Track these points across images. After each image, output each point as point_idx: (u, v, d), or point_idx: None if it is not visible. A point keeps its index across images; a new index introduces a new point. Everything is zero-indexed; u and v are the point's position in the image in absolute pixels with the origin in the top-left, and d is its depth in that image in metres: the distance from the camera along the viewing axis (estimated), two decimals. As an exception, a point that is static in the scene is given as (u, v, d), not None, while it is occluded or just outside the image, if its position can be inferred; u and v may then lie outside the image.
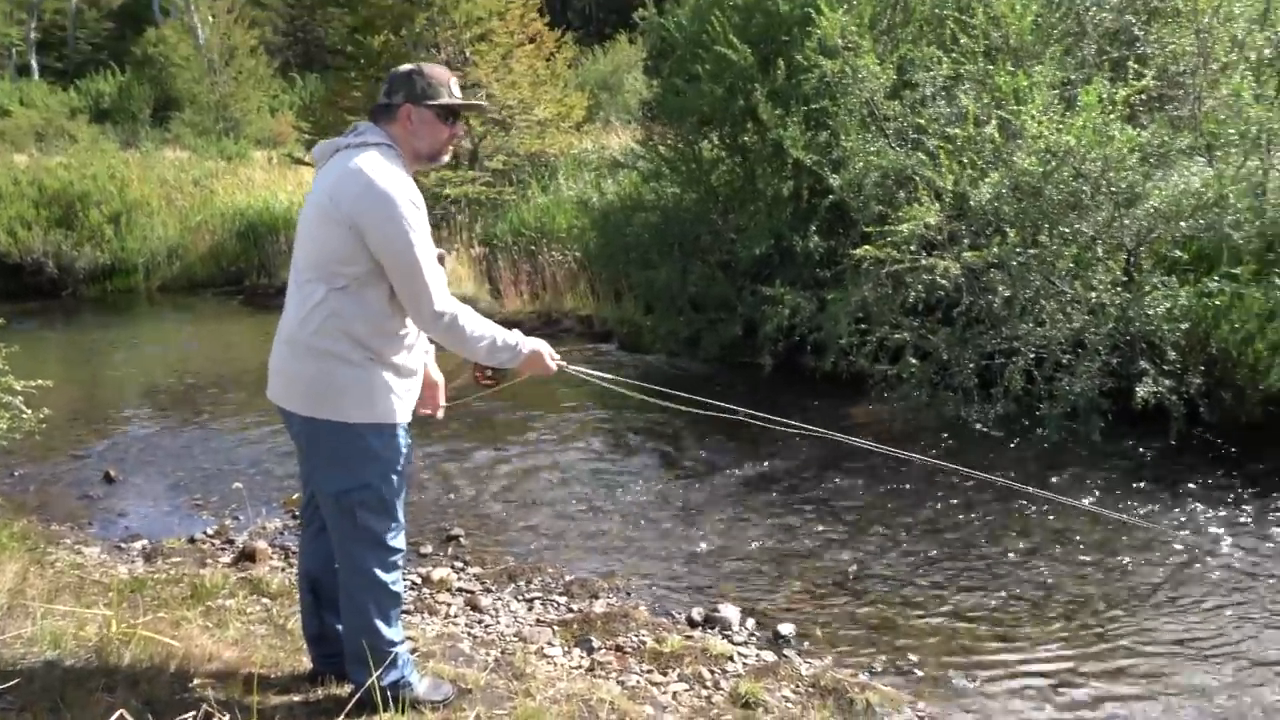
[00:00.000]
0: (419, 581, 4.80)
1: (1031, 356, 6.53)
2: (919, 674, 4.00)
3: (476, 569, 5.03)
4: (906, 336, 7.00)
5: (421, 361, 3.08)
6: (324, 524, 3.04)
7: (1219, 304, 6.36)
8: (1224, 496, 5.59)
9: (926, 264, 6.73)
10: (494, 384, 3.18)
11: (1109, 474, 5.99)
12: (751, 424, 3.92)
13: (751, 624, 4.42)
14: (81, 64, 38.47)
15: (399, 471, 2.97)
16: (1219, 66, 7.27)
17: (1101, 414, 6.32)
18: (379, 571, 2.97)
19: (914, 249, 6.81)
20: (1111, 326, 6.41)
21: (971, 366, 6.75)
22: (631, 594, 4.74)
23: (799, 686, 3.79)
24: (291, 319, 2.89)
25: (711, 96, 8.92)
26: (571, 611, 4.52)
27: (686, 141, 9.80)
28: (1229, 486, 5.72)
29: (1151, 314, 6.35)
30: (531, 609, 4.57)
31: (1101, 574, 4.81)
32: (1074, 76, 7.27)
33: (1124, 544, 5.10)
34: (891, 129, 7.54)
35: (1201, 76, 7.22)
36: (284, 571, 4.82)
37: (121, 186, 15.03)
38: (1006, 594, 4.66)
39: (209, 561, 5.01)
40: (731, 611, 4.45)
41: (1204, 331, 6.42)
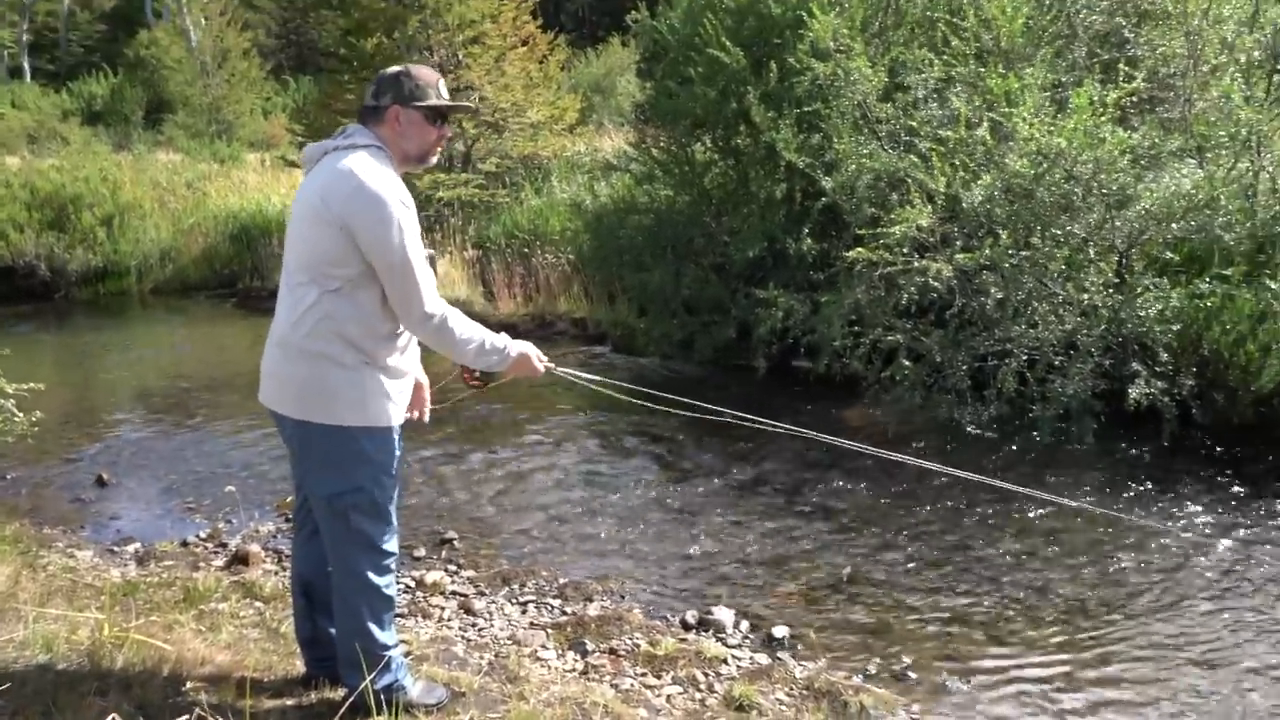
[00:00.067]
0: (413, 585, 4.79)
1: (1024, 358, 6.55)
2: (913, 677, 4.01)
3: (470, 572, 5.03)
4: (900, 339, 7.02)
5: (413, 364, 3.08)
6: (316, 527, 3.04)
7: (1210, 305, 6.39)
8: (1217, 498, 5.61)
9: (919, 266, 6.75)
10: (481, 386, 3.19)
11: (1102, 476, 6.01)
12: (745, 427, 3.92)
13: (745, 627, 4.42)
14: (74, 66, 38.38)
15: (391, 474, 2.98)
16: (1209, 69, 7.31)
17: (1094, 416, 6.34)
18: (372, 575, 2.97)
19: (907, 251, 6.83)
20: (1104, 328, 6.44)
21: (964, 368, 6.77)
22: (625, 597, 4.74)
23: (793, 689, 3.80)
24: (283, 321, 2.89)
25: (704, 99, 8.94)
26: (565, 614, 4.52)
27: (679, 144, 9.82)
28: (1222, 488, 5.74)
29: (1143, 315, 6.38)
30: (525, 612, 4.56)
31: (1095, 576, 4.83)
32: (1065, 79, 7.31)
33: (1117, 546, 5.12)
34: (884, 131, 7.57)
35: (1192, 79, 7.25)
36: (277, 575, 4.81)
37: (114, 189, 14.97)
38: (1000, 596, 4.67)
39: (202, 565, 5.00)
40: (725, 614, 4.46)
41: (1196, 333, 6.45)
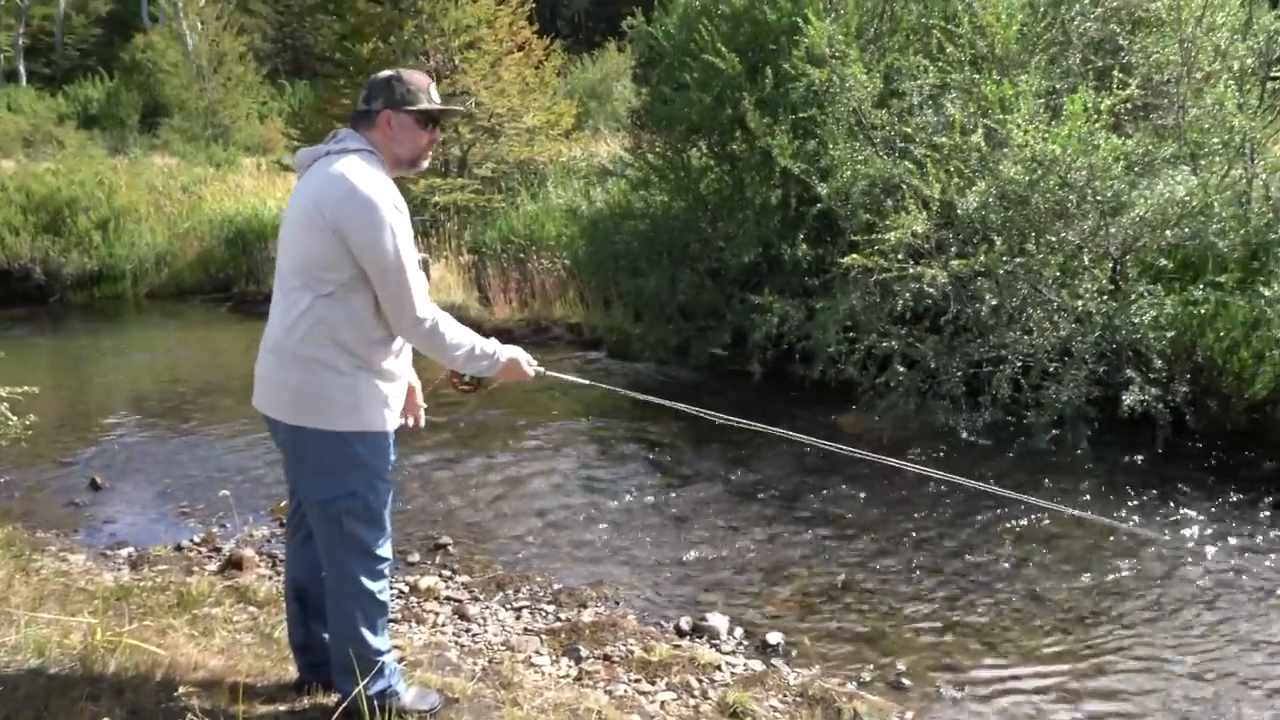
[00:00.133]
0: (406, 590, 4.79)
1: (1019, 365, 6.56)
2: (907, 684, 4.01)
3: (464, 577, 5.02)
4: (894, 345, 7.03)
5: (406, 368, 3.08)
6: (310, 532, 3.04)
7: (1204, 312, 6.41)
8: (1211, 504, 5.62)
9: (914, 272, 6.76)
10: (471, 390, 3.20)
11: (1096, 482, 6.02)
12: (740, 432, 3.92)
13: (739, 633, 4.42)
14: (70, 70, 38.30)
15: (386, 479, 2.97)
16: (1202, 76, 7.33)
17: (1088, 422, 6.35)
18: (365, 580, 2.97)
19: (901, 257, 6.84)
20: (1098, 335, 6.45)
21: (959, 375, 6.78)
22: (620, 603, 4.74)
23: (787, 696, 3.80)
24: (277, 327, 2.88)
25: (700, 105, 8.95)
26: (559, 620, 4.51)
27: (675, 150, 9.83)
28: (1216, 494, 5.75)
29: (1137, 322, 6.39)
30: (519, 618, 4.56)
31: (1089, 584, 4.83)
32: (1059, 85, 7.32)
33: (1112, 553, 5.12)
34: (879, 137, 7.58)
35: (1185, 86, 7.27)
36: (271, 580, 4.80)
37: (109, 193, 14.96)
38: (995, 604, 4.67)
39: (195, 569, 4.99)
40: (720, 620, 4.46)
41: (1189, 340, 6.47)
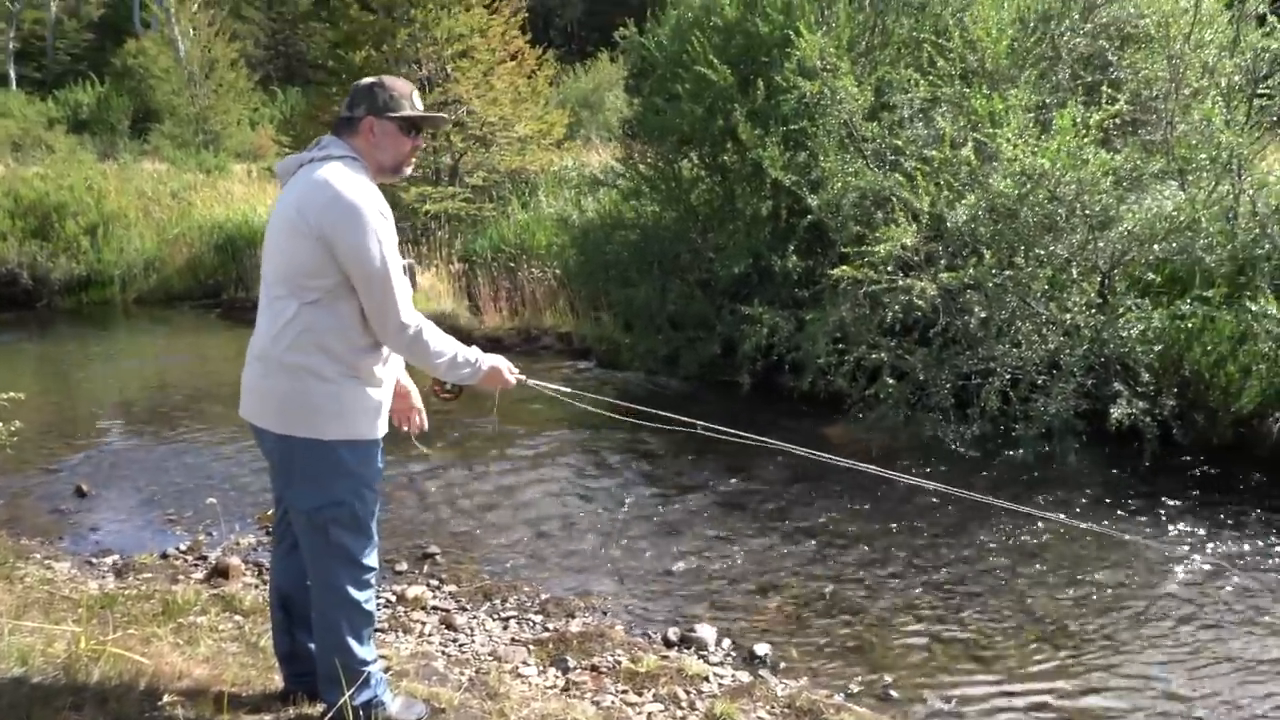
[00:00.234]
0: (393, 599, 4.77)
1: (1007, 377, 6.58)
2: (895, 696, 4.00)
3: (452, 587, 5.00)
4: (884, 356, 7.04)
5: (394, 375, 3.07)
6: (296, 541, 3.02)
7: (1191, 327, 6.45)
8: (1197, 518, 5.63)
9: (904, 285, 6.78)
10: (453, 398, 3.20)
11: (1084, 495, 6.03)
12: (729, 444, 3.92)
13: (727, 644, 4.42)
14: (60, 74, 38.24)
15: (373, 488, 2.97)
16: (1190, 92, 7.39)
17: (1076, 435, 6.37)
18: (352, 589, 2.96)
19: (891, 269, 6.86)
20: (1086, 348, 6.47)
21: (948, 387, 6.80)
22: (608, 613, 4.73)
23: (774, 707, 3.79)
24: (263, 335, 2.88)
25: (691, 116, 8.97)
26: (547, 630, 4.50)
27: (666, 160, 9.86)
28: (1202, 508, 5.76)
29: (1125, 336, 6.42)
30: (507, 628, 4.54)
31: (1077, 596, 4.83)
32: (1049, 100, 7.37)
33: (1100, 566, 5.13)
34: (869, 150, 7.61)
35: (1173, 102, 7.32)
36: (257, 588, 4.77)
37: (99, 198, 14.94)
38: (984, 615, 4.67)
39: (181, 577, 4.96)
40: (707, 631, 4.45)
41: (1177, 354, 6.50)
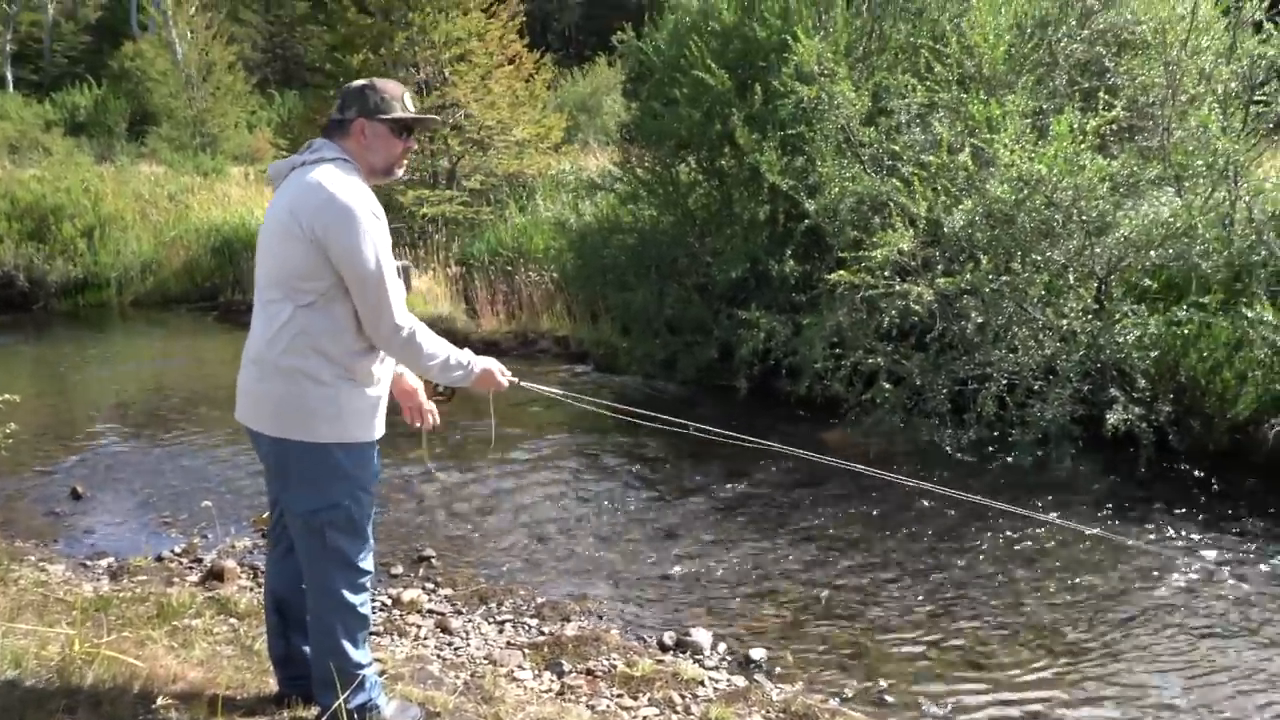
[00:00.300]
0: (389, 603, 4.76)
1: (1004, 383, 6.58)
2: (890, 700, 4.00)
3: (447, 590, 4.99)
4: (880, 361, 7.05)
5: (390, 376, 3.06)
6: (292, 544, 3.02)
7: (1188, 333, 6.46)
8: (1193, 524, 5.64)
9: (900, 290, 6.78)
10: (445, 400, 3.21)
11: (1080, 500, 6.02)
12: (726, 447, 3.92)
13: (723, 648, 4.41)
14: (58, 77, 38.17)
15: (369, 490, 2.96)
16: (1187, 99, 7.41)
17: (1072, 441, 6.37)
18: (347, 593, 2.95)
19: (888, 274, 6.87)
20: (1082, 354, 6.48)
21: (944, 392, 6.80)
22: (603, 617, 4.72)
23: (770, 712, 3.78)
24: (259, 339, 2.87)
25: (689, 120, 8.99)
26: (542, 634, 4.49)
27: (664, 164, 9.87)
28: (1198, 514, 5.76)
29: (1122, 342, 6.43)
30: (502, 631, 4.54)
31: (1074, 602, 4.83)
32: (1046, 106, 7.39)
33: (1095, 571, 5.13)
34: (867, 155, 7.62)
35: (1170, 108, 7.34)
36: (252, 591, 4.76)
37: (96, 200, 14.92)
38: (980, 620, 4.67)
39: (176, 580, 4.95)
40: (703, 635, 4.44)
41: (1173, 360, 6.50)
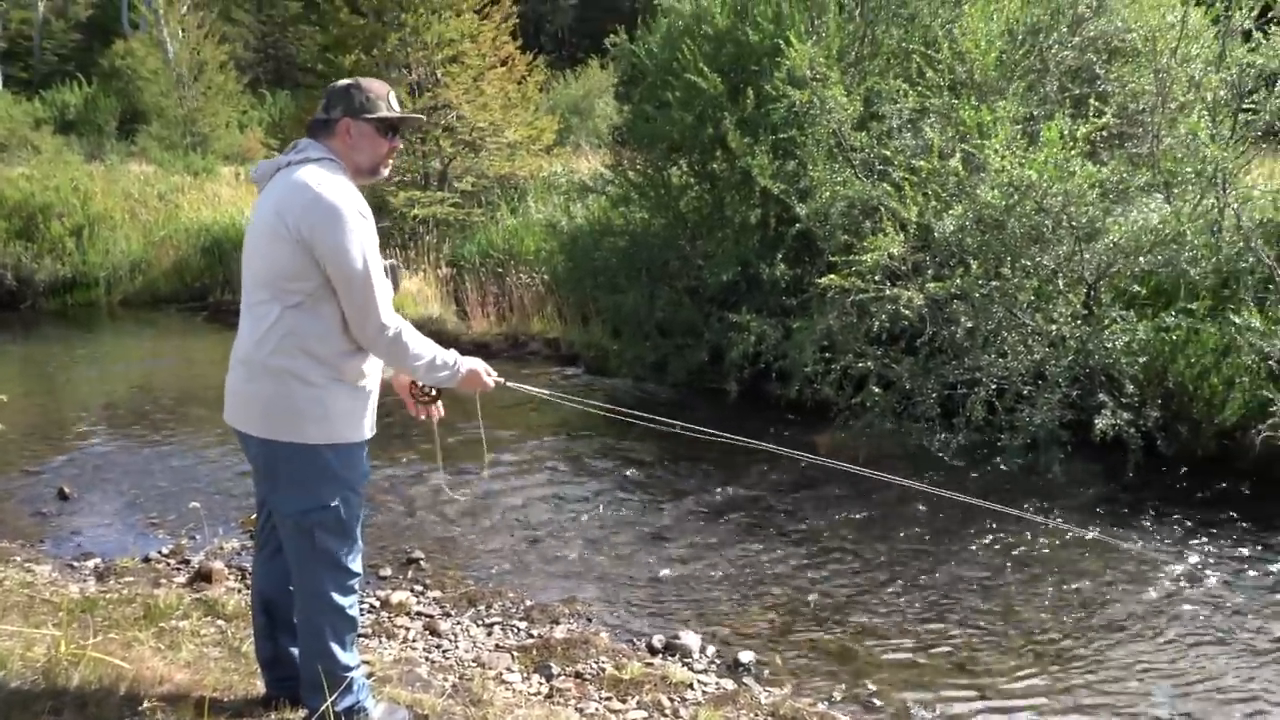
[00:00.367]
0: (377, 605, 4.75)
1: (993, 387, 6.61)
2: (878, 704, 4.01)
3: (436, 593, 4.99)
4: (870, 365, 7.07)
5: (379, 376, 3.06)
6: (279, 545, 3.01)
7: (1176, 338, 6.49)
8: (1181, 529, 5.66)
9: (891, 294, 6.80)
10: (431, 401, 3.20)
11: (1068, 504, 6.04)
12: (717, 449, 3.92)
13: (712, 651, 4.41)
14: (48, 75, 37.98)
15: (358, 491, 2.95)
16: (1176, 106, 7.44)
17: (1061, 445, 6.39)
18: (335, 595, 2.94)
19: (879, 279, 6.88)
20: (1071, 359, 6.50)
21: (934, 396, 6.82)
22: (592, 620, 4.72)
23: (758, 715, 3.79)
24: (247, 340, 2.86)
25: (681, 123, 8.99)
26: (531, 637, 4.49)
27: (656, 167, 9.87)
28: (1186, 519, 5.78)
29: (1110, 347, 6.45)
30: (491, 634, 4.53)
31: (1062, 607, 4.85)
32: (1036, 112, 7.42)
33: (1084, 576, 5.15)
34: (858, 159, 7.64)
35: (1160, 115, 7.38)
36: (240, 592, 4.74)
37: (85, 199, 14.85)
38: (968, 623, 4.68)
39: (163, 581, 4.92)
40: (692, 638, 4.45)
41: (1161, 365, 6.53)
